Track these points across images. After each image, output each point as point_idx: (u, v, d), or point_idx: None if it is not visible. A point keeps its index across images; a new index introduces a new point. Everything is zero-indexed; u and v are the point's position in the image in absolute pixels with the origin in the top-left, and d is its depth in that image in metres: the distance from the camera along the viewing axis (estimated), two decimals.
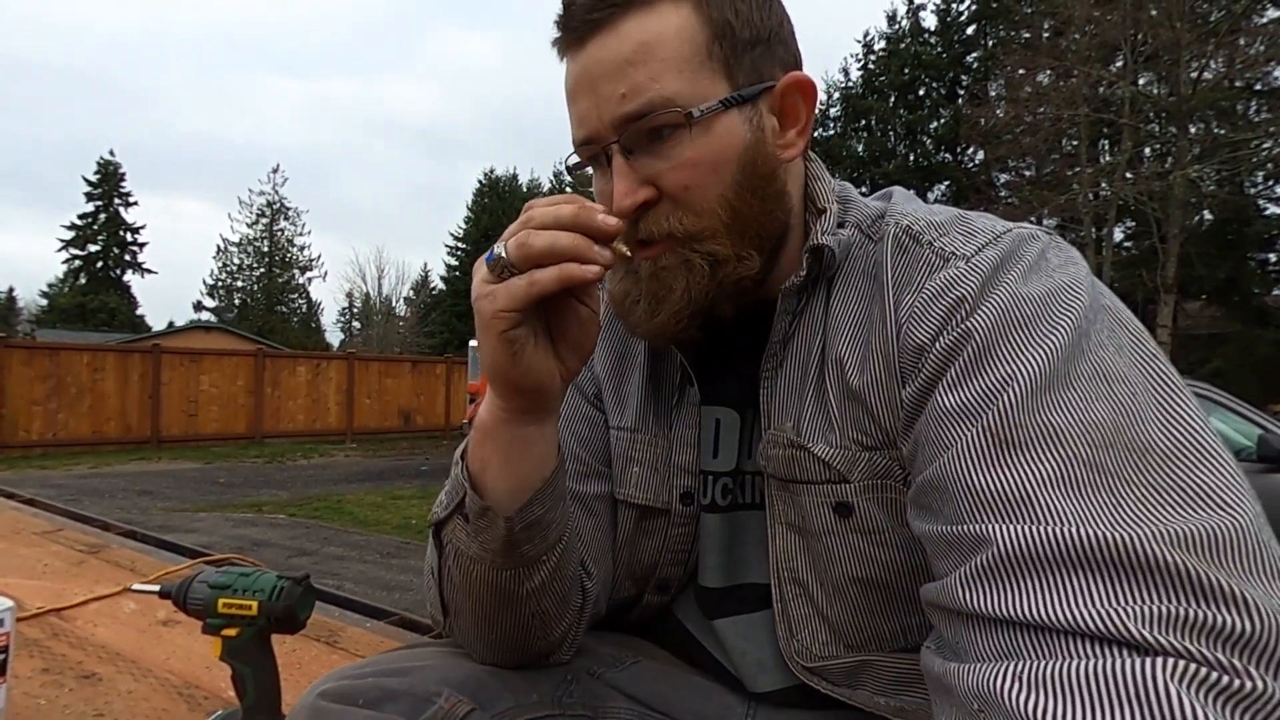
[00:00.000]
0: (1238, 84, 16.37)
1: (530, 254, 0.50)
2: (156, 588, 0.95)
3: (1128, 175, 16.46)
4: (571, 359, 0.56)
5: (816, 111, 0.64)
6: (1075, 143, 18.15)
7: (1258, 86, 16.78)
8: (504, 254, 0.50)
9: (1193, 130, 16.34)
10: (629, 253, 0.55)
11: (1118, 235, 18.99)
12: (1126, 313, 0.50)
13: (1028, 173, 20.49)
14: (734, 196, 0.59)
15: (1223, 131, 15.94)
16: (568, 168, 0.65)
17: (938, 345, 0.51)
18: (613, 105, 0.57)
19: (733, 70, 0.59)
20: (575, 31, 0.59)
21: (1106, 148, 19.49)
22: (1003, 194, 20.37)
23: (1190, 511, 0.39)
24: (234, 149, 71.18)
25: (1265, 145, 15.52)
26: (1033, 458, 0.42)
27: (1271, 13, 15.12)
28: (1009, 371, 0.46)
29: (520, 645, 0.62)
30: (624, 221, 0.59)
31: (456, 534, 0.59)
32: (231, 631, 0.89)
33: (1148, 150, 18.12)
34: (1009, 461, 0.43)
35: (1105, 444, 0.41)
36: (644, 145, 0.58)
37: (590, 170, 0.64)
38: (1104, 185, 17.14)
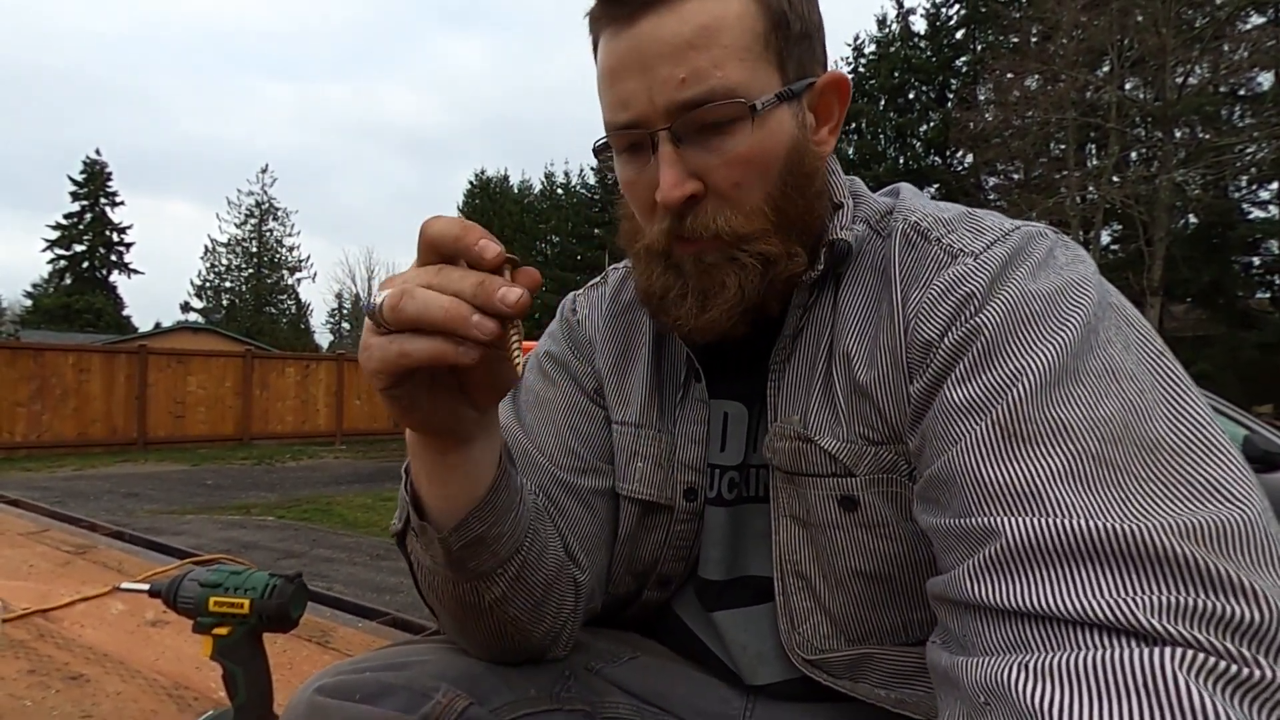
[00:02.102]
0: (1222, 89, 16.60)
1: (401, 319, 0.43)
2: (146, 586, 0.94)
3: (1114, 179, 16.64)
4: (484, 398, 0.51)
5: None
6: (1063, 146, 18.34)
7: (1241, 92, 17.01)
8: (379, 307, 0.44)
9: (1178, 135, 16.55)
10: (514, 341, 0.45)
11: (1105, 238, 19.18)
12: (1133, 311, 0.50)
13: (1016, 176, 20.67)
14: (780, 195, 0.58)
15: (1207, 136, 16.15)
16: (595, 150, 0.63)
17: (946, 341, 0.51)
18: (669, 89, 0.54)
19: (784, 63, 0.57)
20: (626, 6, 0.55)
21: (1093, 152, 19.68)
22: (991, 197, 20.54)
23: (1198, 504, 0.39)
24: (224, 151, 70.84)
25: (1249, 150, 15.73)
26: (1042, 452, 0.42)
27: (1255, 19, 15.33)
28: (1018, 366, 0.46)
29: (503, 648, 0.62)
30: (667, 214, 0.57)
31: (414, 545, 0.59)
32: (223, 630, 0.88)
33: (1134, 154, 18.32)
34: (1018, 455, 0.43)
35: (1114, 439, 0.42)
36: (695, 136, 0.56)
37: (614, 157, 0.61)
38: (1091, 189, 17.33)
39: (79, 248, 37.26)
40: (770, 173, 0.57)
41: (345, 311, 41.44)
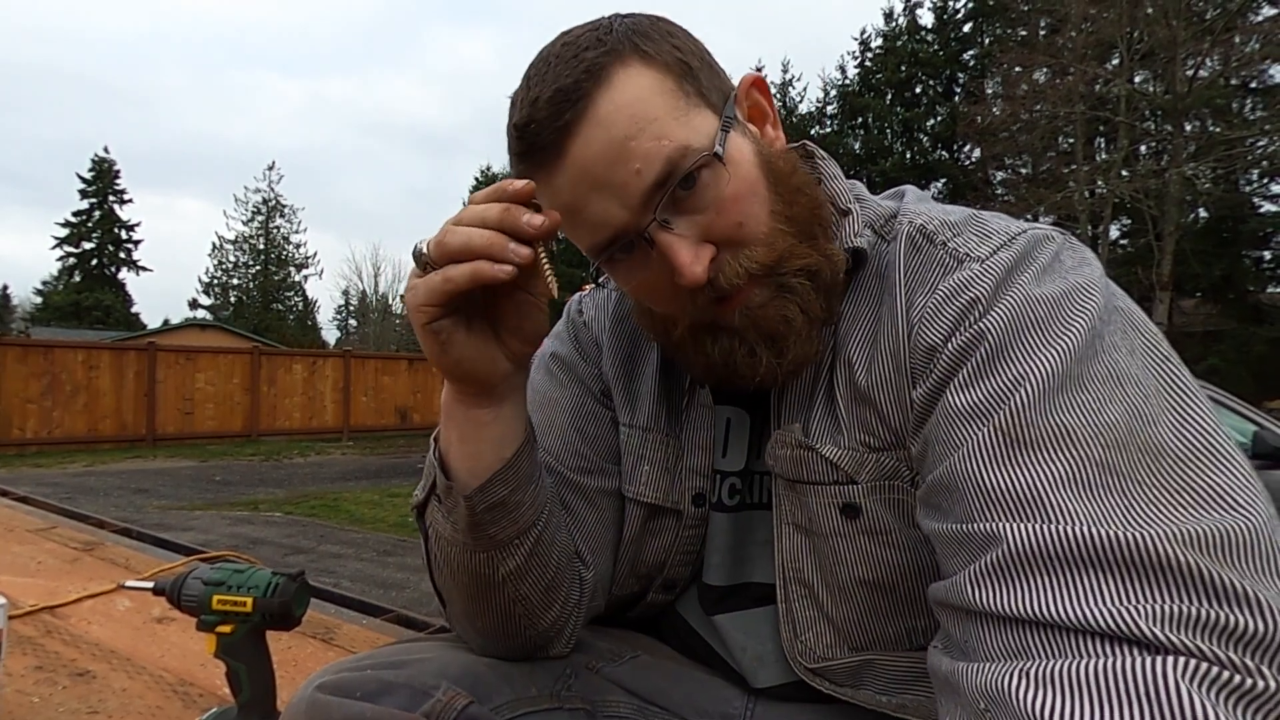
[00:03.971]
0: (1233, 82, 16.43)
1: (446, 251, 0.50)
2: (150, 584, 0.94)
3: (1124, 173, 16.53)
4: (516, 344, 0.56)
5: (813, 108, 0.63)
6: (1071, 140, 18.20)
7: (1253, 84, 16.84)
8: (425, 249, 0.51)
9: (1188, 128, 16.41)
10: (546, 267, 0.54)
11: (1114, 233, 19.05)
12: (1140, 315, 0.50)
13: (1024, 170, 20.55)
14: (783, 206, 0.57)
15: (1218, 129, 15.99)
16: (594, 277, 0.62)
17: (950, 345, 0.51)
18: (633, 185, 0.53)
19: (707, 98, 0.56)
20: (550, 148, 0.54)
21: (1102, 145, 19.55)
22: (999, 192, 20.42)
23: (1203, 512, 0.38)
24: (232, 148, 71.02)
25: (1260, 143, 15.60)
26: (1045, 458, 0.42)
27: (1267, 10, 15.16)
28: (1022, 371, 0.45)
29: (509, 634, 0.62)
30: (698, 290, 0.55)
31: (434, 515, 0.60)
32: (226, 628, 0.88)
33: (1143, 148, 18.18)
34: (1021, 461, 0.43)
35: (1118, 445, 0.41)
36: (679, 209, 0.54)
37: (611, 272, 0.60)
38: (1100, 183, 17.20)
39: (88, 245, 37.46)
40: (761, 194, 0.56)
41: (352, 308, 41.63)
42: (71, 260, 37.42)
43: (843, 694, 0.62)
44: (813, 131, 22.64)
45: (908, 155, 23.54)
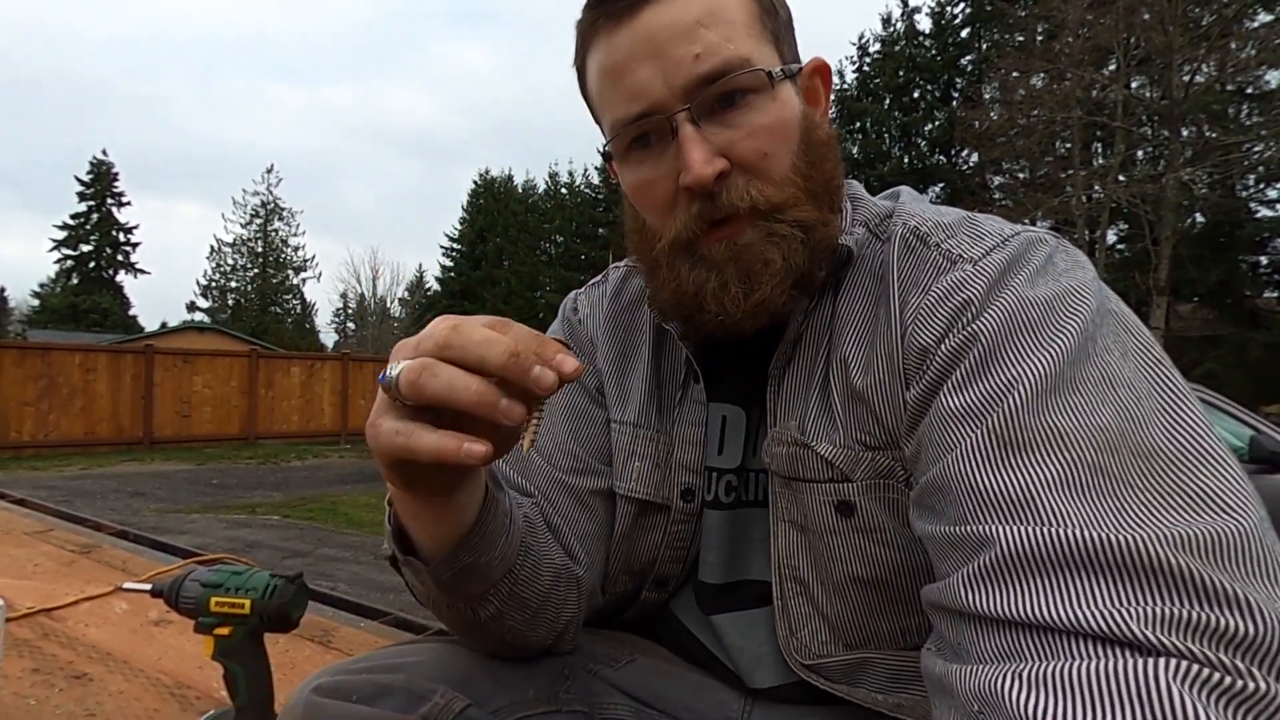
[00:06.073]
0: (1229, 87, 16.51)
1: (420, 396, 0.41)
2: (148, 586, 0.94)
3: (1120, 178, 16.59)
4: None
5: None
6: (1068, 145, 18.26)
7: (1249, 90, 16.92)
8: (395, 378, 0.41)
9: (1185, 133, 16.47)
10: (534, 421, 0.43)
11: (1111, 238, 19.11)
12: (1133, 318, 0.50)
13: (1021, 175, 20.62)
14: (805, 164, 0.59)
15: (1214, 135, 16.05)
16: (603, 155, 0.63)
17: (943, 347, 0.51)
18: (685, 67, 0.55)
19: (779, 45, 0.59)
20: (625, 0, 0.56)
21: (1099, 150, 19.62)
22: (997, 196, 20.47)
23: (1194, 515, 0.39)
24: (230, 152, 71.12)
25: (1257, 148, 15.65)
26: (1037, 460, 0.42)
27: (1263, 16, 15.23)
28: (1015, 374, 0.45)
29: (504, 650, 0.62)
30: (695, 199, 0.57)
31: (404, 570, 0.58)
32: (224, 630, 0.88)
33: (1140, 153, 18.26)
34: (1013, 463, 0.43)
35: (1110, 448, 0.41)
36: (713, 114, 0.56)
37: (620, 163, 0.61)
38: (1097, 188, 17.25)
39: (86, 248, 37.41)
40: (792, 142, 0.58)
41: (350, 311, 41.61)
42: (69, 263, 37.36)
43: (839, 691, 0.62)
44: None
45: (905, 160, 23.61)
